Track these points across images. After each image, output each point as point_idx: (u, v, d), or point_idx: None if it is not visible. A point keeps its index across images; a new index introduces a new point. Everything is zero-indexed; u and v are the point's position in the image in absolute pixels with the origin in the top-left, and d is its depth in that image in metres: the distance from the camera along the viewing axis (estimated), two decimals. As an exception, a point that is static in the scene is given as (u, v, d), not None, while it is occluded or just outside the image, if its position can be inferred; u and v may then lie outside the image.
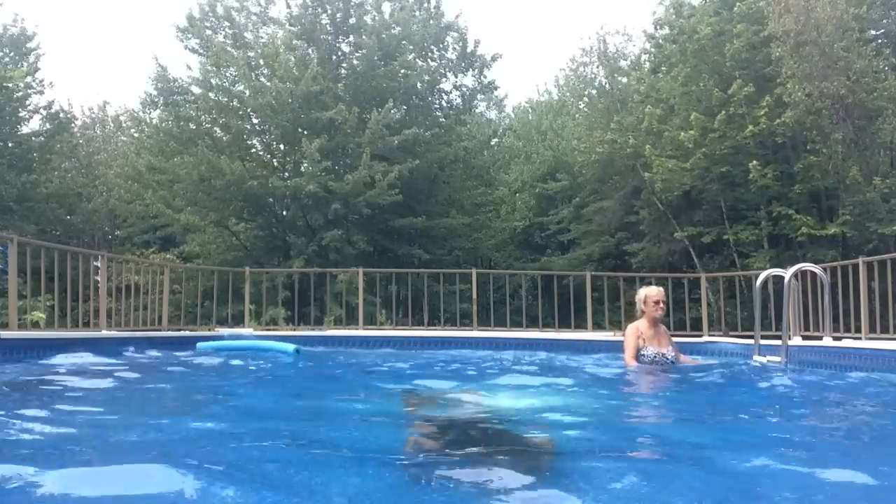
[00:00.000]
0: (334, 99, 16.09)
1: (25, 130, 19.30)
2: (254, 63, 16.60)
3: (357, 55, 17.13)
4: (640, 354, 5.19)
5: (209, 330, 9.12)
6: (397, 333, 8.78)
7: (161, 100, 17.13)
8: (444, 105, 19.31)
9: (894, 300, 7.60)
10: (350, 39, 17.55)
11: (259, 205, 16.50)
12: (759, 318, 5.79)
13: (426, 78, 17.56)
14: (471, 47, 18.01)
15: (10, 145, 18.40)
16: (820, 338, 6.26)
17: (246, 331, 8.56)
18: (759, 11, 13.16)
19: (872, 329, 7.90)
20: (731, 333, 9.74)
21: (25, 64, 18.85)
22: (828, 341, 5.85)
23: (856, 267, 8.06)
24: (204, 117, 16.82)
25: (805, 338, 6.60)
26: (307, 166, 15.42)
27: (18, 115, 18.71)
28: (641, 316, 5.37)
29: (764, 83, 13.15)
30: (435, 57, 18.26)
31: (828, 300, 6.15)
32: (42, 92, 19.18)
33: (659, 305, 5.32)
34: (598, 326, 11.16)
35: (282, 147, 17.52)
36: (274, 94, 15.20)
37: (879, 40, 13.49)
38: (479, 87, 19.06)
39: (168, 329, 9.50)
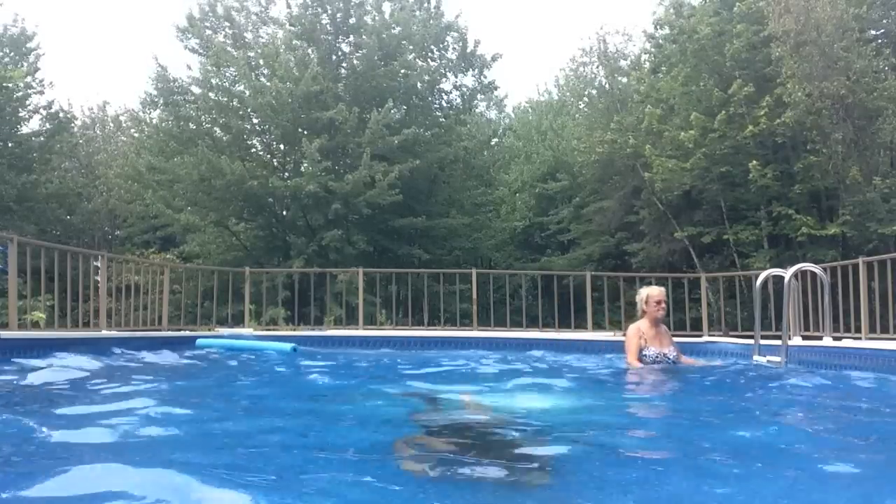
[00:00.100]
0: (334, 99, 16.09)
1: (25, 130, 19.30)
2: (254, 63, 16.61)
3: (357, 55, 17.13)
4: (643, 355, 5.17)
5: (209, 330, 9.12)
6: (397, 333, 8.78)
7: (161, 100, 17.15)
8: (444, 105, 19.31)
9: (894, 300, 7.60)
10: (350, 39, 17.56)
11: (259, 205, 16.50)
12: (759, 318, 5.79)
13: (426, 78, 17.56)
14: (471, 47, 18.01)
15: (10, 145, 18.40)
16: (820, 338, 6.26)
17: (246, 331, 8.57)
18: (759, 11, 13.16)
19: (872, 329, 7.90)
20: (731, 333, 9.74)
21: (25, 64, 18.85)
22: (828, 341, 5.85)
23: (856, 267, 8.06)
24: (204, 117, 16.82)
25: (805, 338, 6.60)
26: (307, 166, 15.42)
27: (18, 115, 18.70)
28: (643, 316, 5.35)
29: (764, 83, 13.15)
30: (435, 57, 18.27)
31: (828, 300, 6.15)
32: (42, 92, 19.21)
33: (661, 305, 5.31)
34: (598, 326, 11.17)
35: (282, 147, 17.53)
36: (274, 94, 15.20)
37: (879, 40, 13.49)
38: (479, 87, 19.06)
39: (168, 329, 9.50)
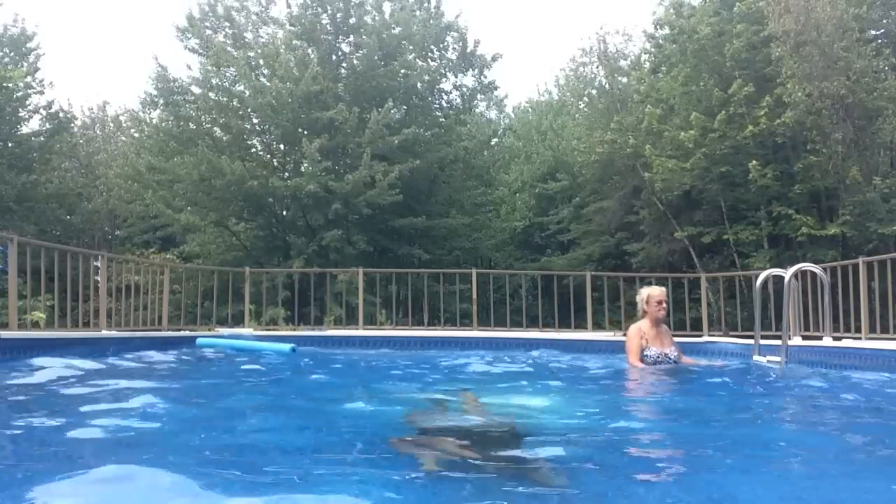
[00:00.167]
0: (334, 99, 16.09)
1: (25, 130, 19.30)
2: (254, 63, 16.61)
3: (357, 55, 17.13)
4: (644, 355, 5.16)
5: (209, 330, 9.12)
6: (397, 333, 8.78)
7: (161, 100, 17.15)
8: (444, 105, 19.31)
9: (894, 300, 7.60)
10: (350, 39, 17.56)
11: (259, 205, 16.50)
12: (759, 318, 5.79)
13: (426, 78, 17.56)
14: (471, 47, 18.01)
15: (10, 145, 18.40)
16: (820, 338, 6.26)
17: (246, 331, 8.57)
18: (759, 11, 13.15)
19: (872, 329, 7.90)
20: (731, 333, 9.74)
21: (25, 64, 18.84)
22: (828, 341, 5.85)
23: (856, 267, 8.06)
24: (204, 117, 16.82)
25: (805, 338, 6.60)
26: (307, 166, 15.42)
27: (18, 115, 18.70)
28: (643, 316, 5.34)
29: (764, 83, 13.14)
30: (435, 57, 18.26)
31: (828, 300, 6.15)
32: (42, 92, 19.21)
33: (661, 305, 5.30)
34: (598, 326, 11.17)
35: (282, 147, 17.52)
36: (274, 94, 15.20)
37: (879, 40, 13.48)
38: (479, 87, 19.05)
39: (168, 329, 9.50)
